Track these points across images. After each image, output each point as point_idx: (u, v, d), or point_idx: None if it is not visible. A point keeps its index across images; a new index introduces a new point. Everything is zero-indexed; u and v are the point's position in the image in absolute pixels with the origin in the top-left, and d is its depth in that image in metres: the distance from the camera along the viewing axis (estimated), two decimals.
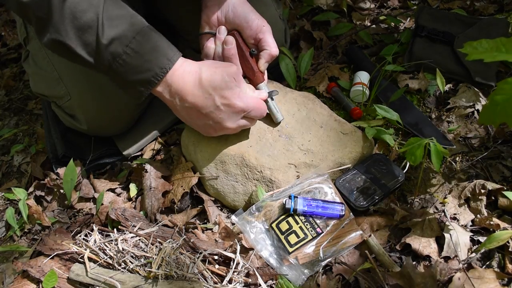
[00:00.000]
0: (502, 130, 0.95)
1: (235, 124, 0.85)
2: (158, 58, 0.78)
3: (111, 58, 0.76)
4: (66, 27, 0.73)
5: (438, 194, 0.89)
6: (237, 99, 0.82)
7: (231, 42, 0.88)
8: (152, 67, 0.78)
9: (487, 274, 0.73)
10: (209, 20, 0.90)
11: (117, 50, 0.75)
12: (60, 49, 0.76)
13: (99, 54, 0.75)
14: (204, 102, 0.81)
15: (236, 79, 0.84)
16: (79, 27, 0.73)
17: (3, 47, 1.75)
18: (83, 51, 0.76)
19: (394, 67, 1.08)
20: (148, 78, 0.78)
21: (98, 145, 1.09)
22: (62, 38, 0.74)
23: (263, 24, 0.89)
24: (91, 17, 0.73)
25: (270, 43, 0.89)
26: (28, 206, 0.96)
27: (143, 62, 0.77)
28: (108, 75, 0.80)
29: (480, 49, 0.63)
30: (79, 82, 0.98)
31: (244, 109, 0.84)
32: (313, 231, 0.81)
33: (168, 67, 0.79)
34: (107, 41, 0.74)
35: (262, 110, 0.88)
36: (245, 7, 0.89)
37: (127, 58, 0.76)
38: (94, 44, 0.75)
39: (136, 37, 0.76)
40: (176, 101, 0.82)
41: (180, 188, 0.94)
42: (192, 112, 0.83)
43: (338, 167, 0.91)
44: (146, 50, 0.77)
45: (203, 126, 0.86)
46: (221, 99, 0.81)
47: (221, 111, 0.82)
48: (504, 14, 1.27)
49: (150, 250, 0.83)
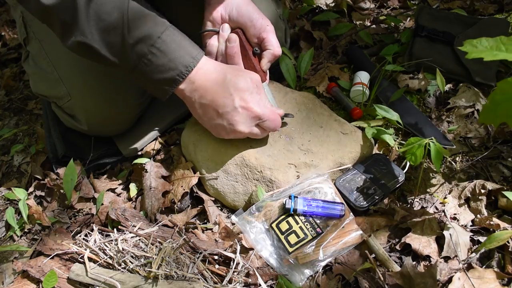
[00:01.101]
0: (502, 130, 0.96)
1: (248, 129, 0.85)
2: (183, 56, 0.79)
3: (137, 58, 0.77)
4: (91, 29, 0.74)
5: (438, 194, 0.89)
6: (255, 104, 0.83)
7: (235, 40, 0.88)
8: (177, 66, 0.79)
9: (487, 274, 0.73)
10: (212, 18, 0.90)
11: (142, 50, 0.76)
12: (86, 51, 0.77)
13: (125, 54, 0.76)
14: (223, 101, 0.81)
15: (258, 87, 0.85)
16: (104, 29, 0.74)
17: (3, 47, 1.75)
18: (107, 52, 0.76)
19: (394, 67, 1.08)
20: (173, 76, 0.79)
21: (98, 145, 1.09)
22: (87, 41, 0.75)
23: (267, 24, 0.89)
24: (116, 18, 0.73)
25: (274, 43, 0.89)
26: (28, 206, 0.96)
27: (168, 61, 0.78)
28: (133, 74, 0.80)
29: (480, 48, 0.63)
30: (79, 82, 0.98)
31: (260, 116, 0.84)
32: (313, 231, 0.81)
33: (193, 65, 0.80)
34: (133, 41, 0.75)
35: (276, 123, 0.88)
36: (249, 6, 0.89)
37: (152, 58, 0.77)
38: (120, 45, 0.75)
39: (161, 37, 0.77)
40: (196, 97, 0.82)
41: (180, 188, 0.94)
42: (208, 110, 0.83)
43: (338, 167, 0.91)
44: (171, 49, 0.77)
45: (216, 127, 0.86)
46: (240, 101, 0.82)
47: (237, 113, 0.82)
48: (504, 14, 1.27)
49: (150, 250, 0.83)
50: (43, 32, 0.99)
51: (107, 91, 0.99)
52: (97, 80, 0.98)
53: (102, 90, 0.98)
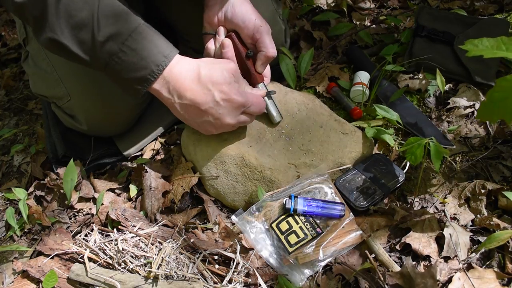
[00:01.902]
0: (502, 130, 0.95)
1: (235, 119, 0.84)
2: (154, 55, 0.77)
3: (107, 56, 0.76)
4: (61, 25, 0.73)
5: (438, 194, 0.89)
6: (236, 94, 0.82)
7: (228, 45, 0.88)
8: (148, 65, 0.77)
9: (487, 274, 0.73)
10: (210, 20, 0.90)
11: (113, 48, 0.75)
12: (56, 48, 0.76)
13: (95, 52, 0.75)
14: (203, 98, 0.80)
15: (235, 76, 0.84)
16: (74, 25, 0.73)
17: (3, 47, 1.75)
18: (78, 49, 0.75)
19: (394, 67, 1.08)
20: (145, 75, 0.78)
21: (98, 145, 1.09)
22: (57, 37, 0.74)
23: (260, 24, 0.87)
24: (86, 15, 0.73)
25: (267, 44, 0.88)
26: (28, 206, 0.96)
27: (139, 59, 0.76)
28: (105, 72, 0.80)
29: (481, 47, 0.63)
30: (79, 83, 0.98)
31: (243, 104, 0.83)
32: (313, 231, 0.81)
33: (164, 64, 0.78)
34: (103, 38, 0.74)
35: (261, 105, 0.88)
36: (243, 6, 0.88)
37: (123, 56, 0.76)
38: (90, 42, 0.74)
39: (132, 35, 0.75)
40: (175, 98, 0.81)
41: (180, 188, 0.94)
42: (191, 109, 0.82)
43: (338, 167, 0.91)
44: (142, 48, 0.76)
45: (203, 124, 0.85)
46: (221, 94, 0.80)
47: (220, 106, 0.81)
48: (504, 14, 1.27)
49: (150, 250, 0.83)
50: None
51: (106, 91, 0.99)
52: (97, 80, 0.98)
53: (101, 90, 0.98)
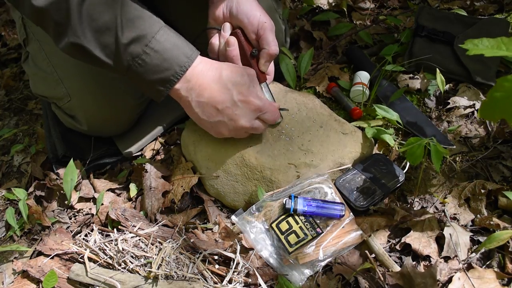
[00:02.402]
0: (502, 130, 0.95)
1: (250, 123, 0.84)
2: (178, 56, 0.78)
3: (131, 58, 0.76)
4: (84, 29, 0.73)
5: (438, 194, 0.89)
6: (255, 97, 0.83)
7: (233, 43, 0.88)
8: (172, 66, 0.78)
9: (487, 274, 0.73)
10: (215, 16, 0.91)
11: (136, 50, 0.75)
12: (79, 52, 0.77)
13: (118, 55, 0.76)
14: (221, 97, 0.81)
15: (254, 81, 0.86)
16: (97, 29, 0.73)
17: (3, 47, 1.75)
18: (101, 53, 0.76)
19: (394, 67, 1.08)
20: (168, 77, 0.79)
21: (98, 145, 1.09)
22: (80, 41, 0.74)
23: (265, 21, 0.87)
24: (109, 19, 0.73)
25: (270, 42, 0.88)
26: (28, 206, 0.96)
27: (162, 61, 0.77)
28: (127, 75, 0.80)
29: (481, 47, 0.63)
30: (79, 83, 0.98)
31: (260, 108, 0.84)
32: (313, 231, 0.81)
33: (188, 65, 0.79)
34: (126, 41, 0.74)
35: (275, 114, 0.88)
36: (249, 2, 0.88)
37: (146, 58, 0.76)
38: (113, 46, 0.75)
39: (155, 37, 0.76)
40: (192, 96, 0.82)
41: (180, 188, 0.94)
42: (207, 107, 0.82)
43: (338, 167, 0.91)
44: (165, 49, 0.77)
45: (216, 124, 0.85)
46: (239, 95, 0.81)
47: (237, 107, 0.82)
48: (504, 14, 1.27)
49: (150, 250, 0.83)
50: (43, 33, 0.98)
51: (106, 92, 0.99)
52: (97, 81, 0.98)
53: (101, 90, 0.98)
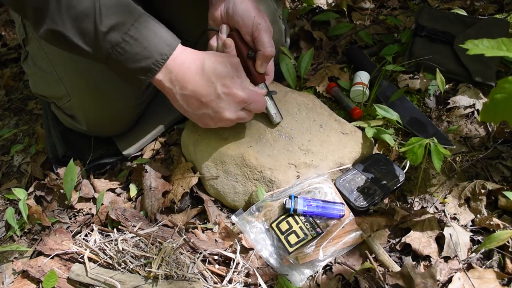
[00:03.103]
0: (502, 130, 0.95)
1: (234, 115, 0.84)
2: (158, 44, 0.77)
3: (110, 46, 0.75)
4: (63, 16, 0.72)
5: (438, 194, 0.89)
6: (238, 89, 0.82)
7: (230, 45, 0.87)
8: (152, 54, 0.77)
9: (487, 274, 0.73)
10: (214, 17, 0.91)
11: (116, 38, 0.74)
12: (57, 39, 0.76)
13: (98, 43, 0.75)
14: (205, 90, 0.80)
15: (238, 70, 0.84)
16: (75, 16, 0.72)
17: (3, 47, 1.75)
18: (80, 40, 0.75)
19: (394, 67, 1.08)
20: (149, 65, 0.78)
21: (98, 145, 1.09)
22: (59, 28, 0.73)
23: (259, 22, 0.86)
24: (87, 6, 0.72)
25: (265, 43, 0.87)
26: (28, 206, 0.96)
27: (142, 49, 0.76)
28: (107, 64, 0.79)
29: (481, 47, 0.63)
30: (78, 83, 0.98)
31: (244, 100, 0.83)
32: (313, 231, 0.81)
33: (169, 53, 0.78)
34: (106, 28, 0.73)
35: (261, 103, 0.87)
36: (244, 4, 0.87)
37: (126, 46, 0.75)
38: (92, 33, 0.74)
39: (134, 24, 0.75)
40: (176, 89, 0.81)
41: (180, 188, 0.94)
42: (191, 100, 0.82)
43: (338, 167, 0.91)
44: (145, 37, 0.76)
45: (202, 117, 0.84)
46: (223, 88, 0.80)
47: (221, 100, 0.81)
48: (504, 14, 1.27)
49: (150, 250, 0.83)
50: None
51: (106, 92, 0.99)
52: (97, 81, 0.97)
53: (101, 90, 0.98)
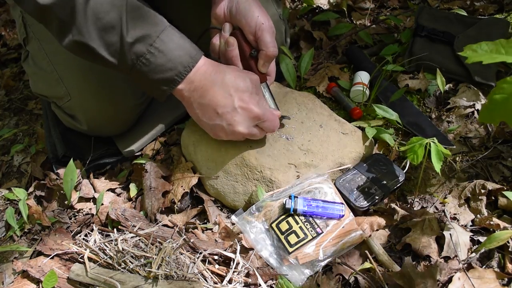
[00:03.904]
0: (502, 130, 0.95)
1: (247, 129, 0.85)
2: (182, 56, 0.78)
3: (135, 57, 0.76)
4: (89, 28, 0.73)
5: (438, 194, 0.89)
6: (255, 105, 0.83)
7: (232, 44, 0.88)
8: (176, 66, 0.78)
9: (487, 274, 0.73)
10: (217, 16, 0.91)
11: (141, 49, 0.76)
12: (83, 50, 0.77)
13: (123, 54, 0.76)
14: (222, 101, 0.81)
15: (257, 87, 0.86)
16: (102, 28, 0.73)
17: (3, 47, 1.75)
18: (105, 51, 0.76)
19: (394, 67, 1.08)
20: (172, 76, 0.79)
21: (98, 145, 1.09)
22: (84, 40, 0.74)
23: (262, 22, 0.87)
24: (114, 18, 0.73)
25: (267, 43, 0.87)
26: (28, 206, 0.96)
27: (166, 61, 0.77)
28: (131, 75, 0.80)
29: (480, 52, 0.63)
30: (79, 83, 0.98)
31: (259, 116, 0.84)
32: (313, 231, 0.81)
33: (192, 65, 0.79)
34: (131, 40, 0.74)
35: (275, 123, 0.88)
36: (248, 2, 0.87)
37: (151, 58, 0.76)
38: (118, 45, 0.75)
39: (160, 36, 0.76)
40: (195, 97, 0.82)
41: (180, 188, 0.94)
42: (208, 110, 0.83)
43: (338, 167, 0.91)
44: (170, 49, 0.77)
45: (215, 127, 0.86)
46: (240, 102, 0.82)
47: (237, 113, 0.82)
48: (504, 14, 1.27)
49: (150, 250, 0.83)
50: (43, 32, 0.99)
51: (107, 91, 0.99)
52: (97, 80, 0.98)
53: (102, 90, 0.98)
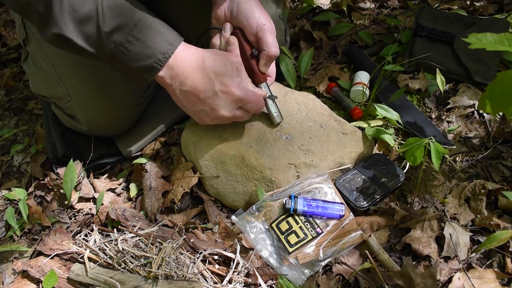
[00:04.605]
0: (502, 130, 0.95)
1: (230, 113, 0.84)
2: (160, 43, 0.78)
3: (113, 47, 0.76)
4: (66, 20, 0.73)
5: (438, 194, 0.89)
6: (236, 88, 0.82)
7: (233, 43, 0.88)
8: (154, 53, 0.78)
9: (487, 274, 0.73)
10: (218, 17, 0.91)
11: (119, 38, 0.76)
12: (62, 43, 0.77)
13: (101, 44, 0.76)
14: (203, 86, 0.81)
15: (238, 69, 0.85)
16: (78, 19, 0.73)
17: (3, 47, 1.75)
18: (84, 42, 0.76)
19: (394, 67, 1.08)
20: (151, 64, 0.79)
21: (98, 145, 1.09)
22: (62, 32, 0.74)
23: (264, 22, 0.87)
24: (90, 8, 0.73)
25: (269, 43, 0.87)
26: (28, 206, 0.96)
27: (145, 48, 0.77)
28: (111, 64, 0.80)
29: (484, 41, 0.63)
30: (78, 83, 0.98)
31: (241, 99, 0.83)
32: (313, 231, 0.81)
33: (170, 52, 0.79)
34: (108, 30, 0.74)
35: (259, 104, 0.87)
36: (248, 4, 0.88)
37: (129, 46, 0.77)
38: (96, 35, 0.75)
39: (137, 24, 0.76)
40: (176, 84, 0.82)
41: (180, 188, 0.94)
42: (190, 96, 0.83)
43: (338, 167, 0.91)
44: (147, 37, 0.77)
45: (199, 113, 0.86)
46: (221, 86, 0.81)
47: (218, 97, 0.82)
48: (504, 14, 1.27)
49: (150, 250, 0.83)
50: None
51: (107, 92, 0.99)
52: (97, 81, 0.98)
53: (101, 90, 0.98)
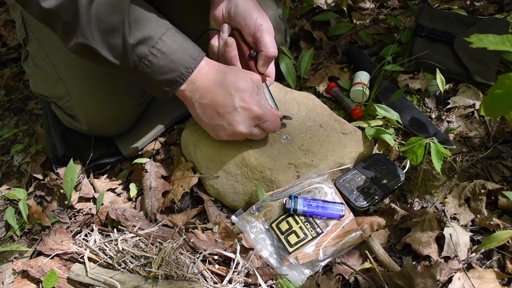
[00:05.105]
0: (502, 130, 0.95)
1: (248, 129, 0.85)
2: (184, 58, 0.79)
3: (137, 59, 0.77)
4: (92, 30, 0.74)
5: (438, 194, 0.89)
6: (256, 105, 0.83)
7: (231, 44, 0.88)
8: (178, 67, 0.79)
9: (487, 274, 0.73)
10: (216, 18, 0.91)
11: (143, 51, 0.76)
12: (86, 52, 0.77)
13: (125, 56, 0.76)
14: (223, 101, 0.82)
15: (258, 88, 0.86)
16: (104, 30, 0.74)
17: (3, 47, 1.75)
18: (109, 53, 0.76)
19: (394, 67, 1.08)
20: (174, 78, 0.80)
21: (98, 145, 1.09)
22: (88, 42, 0.74)
23: (261, 23, 0.87)
24: (117, 20, 0.73)
25: (267, 44, 0.88)
26: (28, 206, 0.96)
27: (168, 62, 0.78)
28: (133, 76, 0.80)
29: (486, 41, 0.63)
30: (79, 83, 0.98)
31: (260, 116, 0.84)
32: (313, 231, 0.81)
33: (194, 67, 0.80)
34: (134, 42, 0.75)
35: (276, 124, 0.88)
36: (247, 4, 0.88)
37: (153, 59, 0.77)
38: (121, 47, 0.75)
39: (162, 38, 0.77)
40: (196, 97, 0.83)
41: (180, 188, 0.94)
42: (208, 110, 0.83)
43: (338, 167, 0.91)
44: (172, 51, 0.78)
45: (216, 127, 0.86)
46: (241, 102, 0.82)
47: (237, 113, 0.82)
48: (504, 14, 1.27)
49: (150, 250, 0.83)
50: (43, 32, 0.99)
51: (107, 91, 0.99)
52: (97, 80, 0.98)
53: (102, 90, 0.98)
